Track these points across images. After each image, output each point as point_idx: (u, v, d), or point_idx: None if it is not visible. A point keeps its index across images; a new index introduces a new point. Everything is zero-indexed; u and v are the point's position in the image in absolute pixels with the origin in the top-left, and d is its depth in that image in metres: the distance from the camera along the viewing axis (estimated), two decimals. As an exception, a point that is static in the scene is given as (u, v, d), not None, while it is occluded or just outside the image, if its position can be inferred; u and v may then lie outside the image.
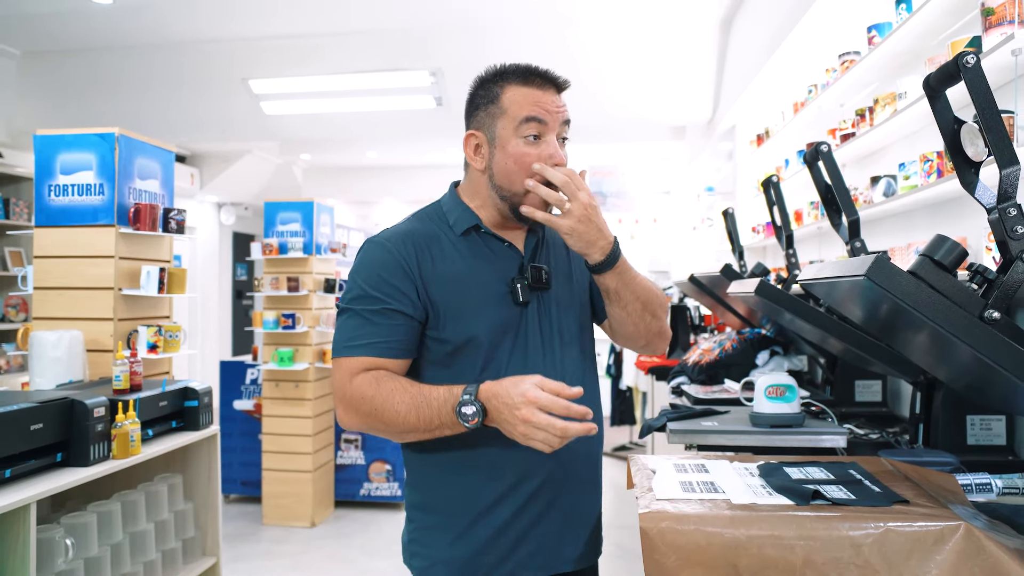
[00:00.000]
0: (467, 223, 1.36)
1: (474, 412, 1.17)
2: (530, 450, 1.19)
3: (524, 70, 1.33)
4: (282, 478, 4.62)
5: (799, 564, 0.97)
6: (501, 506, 1.31)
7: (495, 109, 1.33)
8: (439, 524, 1.34)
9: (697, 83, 5.88)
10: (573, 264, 1.46)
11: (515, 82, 1.32)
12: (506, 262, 1.37)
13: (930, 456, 1.44)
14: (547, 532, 1.33)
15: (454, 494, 1.33)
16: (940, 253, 1.01)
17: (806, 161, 1.84)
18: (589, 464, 1.40)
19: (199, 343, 8.19)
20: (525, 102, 1.30)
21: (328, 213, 4.94)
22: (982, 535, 0.94)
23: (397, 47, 5.64)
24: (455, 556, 1.32)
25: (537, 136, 1.31)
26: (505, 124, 1.32)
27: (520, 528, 1.31)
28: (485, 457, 1.31)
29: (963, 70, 1.00)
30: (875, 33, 2.93)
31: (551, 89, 1.33)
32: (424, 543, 1.35)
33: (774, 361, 2.55)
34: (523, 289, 1.33)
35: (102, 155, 2.74)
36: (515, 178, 1.31)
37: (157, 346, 2.82)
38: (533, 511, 1.32)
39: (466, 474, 1.32)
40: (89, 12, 5.14)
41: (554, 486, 1.33)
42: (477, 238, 1.37)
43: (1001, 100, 1.78)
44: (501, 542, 1.31)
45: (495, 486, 1.31)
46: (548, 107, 1.30)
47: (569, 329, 1.40)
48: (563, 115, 1.33)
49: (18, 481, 1.93)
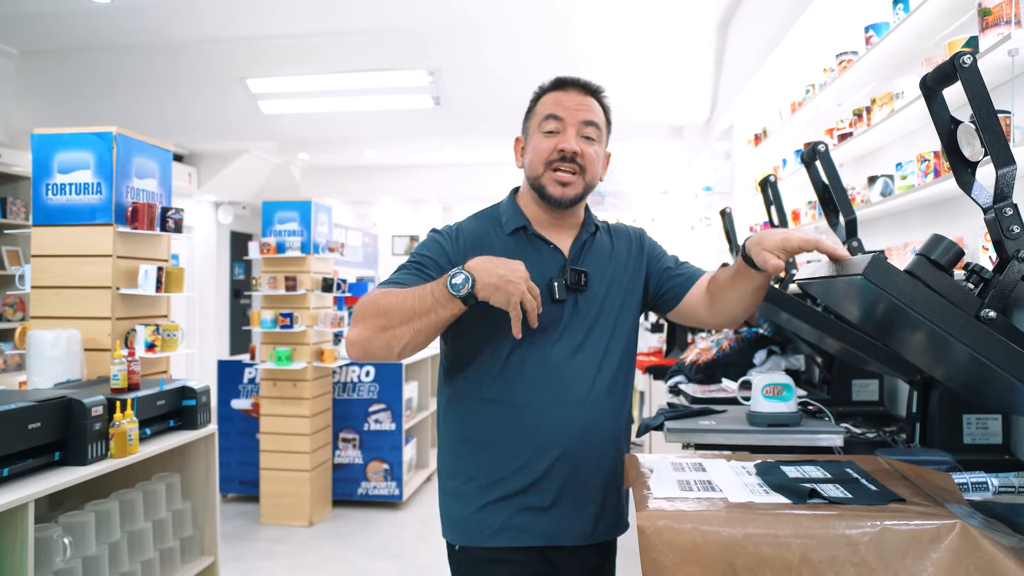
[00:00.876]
0: (515, 223, 1.49)
1: (464, 279, 1.26)
2: (546, 430, 1.39)
3: (558, 80, 1.51)
4: (280, 477, 4.62)
5: (796, 562, 0.97)
6: (514, 478, 1.41)
7: (532, 114, 1.51)
8: (455, 489, 1.46)
9: (695, 83, 5.89)
10: (622, 271, 1.53)
11: (550, 90, 1.51)
12: (549, 262, 1.47)
13: (927, 455, 1.44)
14: (555, 505, 1.42)
15: (473, 463, 1.44)
16: (937, 252, 1.01)
17: (803, 161, 1.84)
18: (605, 447, 1.45)
19: (197, 342, 8.18)
20: (549, 103, 1.48)
21: (326, 212, 4.94)
22: (978, 533, 0.94)
23: (395, 47, 5.64)
24: (464, 516, 1.44)
25: (555, 131, 1.45)
26: (534, 124, 1.50)
27: (529, 499, 1.41)
28: (503, 433, 1.42)
29: (959, 70, 1.00)
30: (872, 33, 2.94)
31: (577, 91, 1.48)
32: (444, 505, 1.49)
33: (771, 360, 2.55)
34: (560, 288, 1.43)
35: (100, 154, 2.74)
36: (535, 166, 1.46)
37: (155, 345, 2.81)
38: (544, 485, 1.41)
39: (487, 447, 1.43)
40: (87, 12, 5.13)
41: (568, 463, 1.42)
42: (524, 238, 1.49)
43: (998, 100, 1.77)
44: (508, 507, 1.41)
45: (512, 460, 1.41)
46: (566, 104, 1.46)
47: (604, 331, 1.47)
48: (582, 114, 1.46)
49: (16, 480, 1.93)
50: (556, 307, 1.43)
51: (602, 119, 1.50)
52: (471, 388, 1.45)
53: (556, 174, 1.44)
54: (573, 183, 1.45)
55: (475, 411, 1.45)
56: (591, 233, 1.53)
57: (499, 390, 1.42)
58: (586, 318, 1.46)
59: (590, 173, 1.47)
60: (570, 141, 1.43)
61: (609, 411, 1.46)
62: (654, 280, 1.58)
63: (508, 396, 1.42)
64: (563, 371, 1.42)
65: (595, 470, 1.45)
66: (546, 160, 1.44)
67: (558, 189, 1.44)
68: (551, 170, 1.44)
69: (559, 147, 1.43)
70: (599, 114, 1.49)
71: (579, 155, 1.44)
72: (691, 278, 1.56)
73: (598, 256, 1.52)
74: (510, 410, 1.42)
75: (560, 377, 1.42)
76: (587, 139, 1.46)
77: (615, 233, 1.59)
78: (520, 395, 1.42)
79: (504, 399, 1.42)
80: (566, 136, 1.44)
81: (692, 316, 1.56)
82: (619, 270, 1.53)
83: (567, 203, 1.45)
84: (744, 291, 1.41)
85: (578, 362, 1.43)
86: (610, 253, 1.54)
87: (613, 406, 1.47)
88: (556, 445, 1.41)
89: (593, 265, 1.50)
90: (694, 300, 1.54)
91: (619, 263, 1.54)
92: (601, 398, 1.44)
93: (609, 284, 1.50)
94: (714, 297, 1.50)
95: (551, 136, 1.45)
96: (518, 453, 1.41)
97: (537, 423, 1.41)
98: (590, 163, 1.46)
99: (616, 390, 1.48)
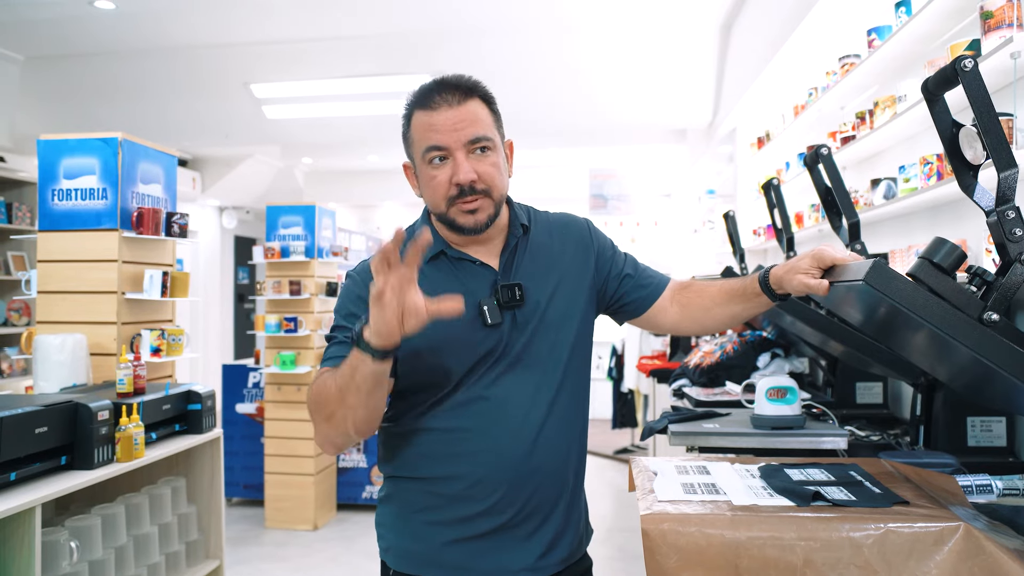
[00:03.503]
0: (432, 250, 1.34)
1: (358, 327, 1.15)
2: (492, 464, 1.27)
3: (422, 92, 1.31)
4: (284, 481, 4.62)
5: (800, 565, 0.97)
6: (451, 508, 1.31)
7: (408, 139, 1.33)
8: (395, 513, 1.36)
9: (698, 86, 5.89)
10: (564, 272, 1.40)
11: (417, 108, 1.30)
12: (478, 282, 1.33)
13: (930, 458, 1.44)
14: (497, 542, 1.30)
15: (414, 486, 1.33)
16: (939, 256, 1.01)
17: (806, 164, 1.84)
18: (555, 485, 1.34)
19: (201, 347, 8.19)
20: (423, 130, 1.28)
21: (330, 217, 4.95)
22: (982, 536, 0.95)
23: (398, 51, 5.66)
24: (403, 545, 1.33)
25: (443, 159, 1.28)
26: (416, 152, 1.31)
27: (469, 532, 1.30)
28: (449, 465, 1.31)
29: (961, 74, 1.00)
30: (875, 36, 2.94)
31: (448, 106, 1.27)
32: (385, 526, 1.37)
33: (775, 363, 2.55)
34: (492, 310, 1.30)
35: (105, 160, 2.76)
36: (436, 202, 1.30)
37: (160, 350, 2.82)
38: (484, 521, 1.29)
39: (427, 470, 1.32)
40: (92, 18, 5.15)
41: (512, 503, 1.30)
42: (446, 262, 1.34)
43: (1000, 103, 1.78)
44: (445, 539, 1.30)
45: (452, 486, 1.30)
46: (442, 127, 1.26)
47: (554, 344, 1.35)
48: (464, 133, 1.27)
49: (23, 484, 1.94)
50: (493, 331, 1.30)
51: (488, 122, 1.30)
52: (414, 419, 1.34)
53: (462, 205, 1.28)
54: (482, 206, 1.29)
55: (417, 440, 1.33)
56: (519, 236, 1.38)
57: (440, 419, 1.32)
58: (533, 335, 1.33)
59: (497, 190, 1.31)
60: (465, 171, 1.26)
61: (556, 436, 1.33)
62: (611, 286, 1.46)
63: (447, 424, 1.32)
64: (501, 401, 1.30)
65: (547, 502, 1.33)
66: (445, 196, 1.29)
67: (469, 219, 1.29)
68: (454, 204, 1.29)
69: (454, 181, 1.27)
70: (482, 121, 1.29)
71: (477, 181, 1.27)
72: (657, 288, 1.46)
73: (533, 260, 1.38)
74: (449, 438, 1.30)
75: (499, 405, 1.30)
76: (481, 152, 1.28)
77: (553, 227, 1.44)
78: (460, 424, 1.31)
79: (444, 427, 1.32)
80: (457, 165, 1.27)
81: (653, 325, 1.49)
82: (560, 271, 1.39)
83: (481, 229, 1.30)
84: (745, 313, 1.37)
85: (525, 384, 1.31)
86: (548, 253, 1.40)
87: (560, 429, 1.34)
88: (503, 480, 1.29)
89: (528, 272, 1.36)
90: (658, 311, 1.46)
91: (560, 263, 1.40)
92: (540, 424, 1.31)
93: (552, 290, 1.36)
94: (692, 311, 1.43)
95: (440, 167, 1.28)
96: (459, 482, 1.30)
97: (477, 453, 1.30)
98: (491, 180, 1.29)
99: (558, 412, 1.34)
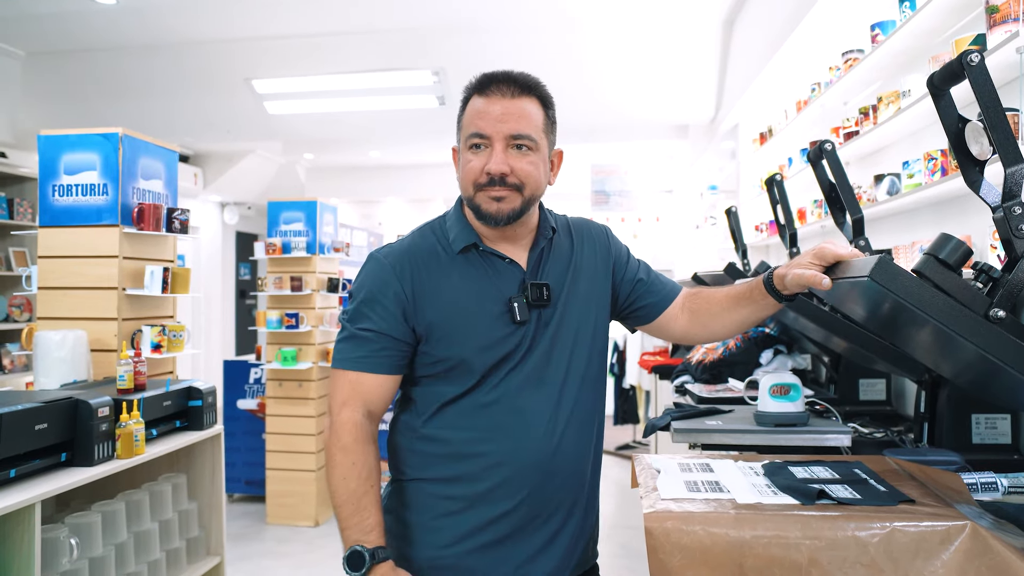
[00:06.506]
0: (465, 241, 1.36)
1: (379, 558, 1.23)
2: (516, 465, 1.29)
3: (484, 79, 1.35)
4: (286, 477, 4.62)
5: (805, 564, 0.97)
6: (471, 512, 1.31)
7: (460, 123, 1.37)
8: (408, 519, 1.35)
9: (700, 82, 5.87)
10: (586, 276, 1.43)
11: (475, 93, 1.35)
12: (506, 279, 1.36)
13: (935, 455, 1.43)
14: (515, 546, 1.32)
15: (431, 488, 1.34)
16: (945, 252, 1.00)
17: (810, 159, 1.83)
18: (574, 486, 1.36)
19: (203, 343, 8.20)
20: (473, 116, 1.33)
21: (331, 212, 4.95)
22: (988, 534, 0.94)
23: (400, 47, 5.64)
24: (416, 554, 1.33)
25: (482, 147, 1.32)
26: (462, 137, 1.36)
27: (488, 536, 1.31)
28: (467, 466, 1.32)
29: (967, 68, 0.99)
30: (878, 31, 2.92)
31: (503, 96, 1.31)
32: (393, 534, 1.35)
33: (778, 360, 2.54)
34: (521, 308, 1.33)
35: (106, 155, 2.75)
36: (466, 186, 1.34)
37: (161, 346, 2.82)
38: (504, 524, 1.31)
39: (449, 470, 1.33)
40: (93, 13, 5.14)
41: (533, 506, 1.32)
42: (476, 256, 1.36)
43: (1006, 98, 1.76)
44: (465, 546, 1.31)
45: (470, 489, 1.31)
46: (490, 116, 1.30)
47: (574, 345, 1.38)
48: (508, 126, 1.30)
49: (23, 481, 1.94)
50: (519, 328, 1.33)
51: (537, 123, 1.33)
52: (437, 418, 1.36)
53: (489, 191, 1.31)
54: (508, 197, 1.31)
55: (437, 452, 1.35)
56: (548, 238, 1.41)
57: (463, 419, 1.34)
58: (556, 335, 1.36)
59: (529, 188, 1.32)
60: (497, 162, 1.29)
61: (577, 437, 1.36)
62: (624, 290, 1.48)
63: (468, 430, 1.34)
64: (524, 401, 1.33)
65: (565, 506, 1.35)
66: (475, 182, 1.31)
67: (492, 205, 1.31)
68: (482, 190, 1.32)
69: (486, 170, 1.30)
70: (531, 119, 1.32)
71: (509, 175, 1.29)
72: (669, 295, 1.48)
73: (558, 262, 1.41)
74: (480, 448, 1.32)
75: (523, 406, 1.32)
76: (520, 149, 1.31)
77: (577, 232, 1.47)
78: (484, 423, 1.33)
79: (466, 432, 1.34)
80: (493, 155, 1.30)
81: (663, 333, 1.50)
82: (581, 274, 1.42)
83: (503, 220, 1.31)
84: (754, 316, 1.37)
85: (548, 384, 1.34)
86: (571, 256, 1.43)
87: (580, 431, 1.37)
88: (524, 485, 1.31)
89: (554, 273, 1.39)
90: (669, 318, 1.47)
91: (581, 266, 1.43)
92: (563, 425, 1.34)
93: (574, 292, 1.40)
94: (701, 317, 1.44)
95: (478, 153, 1.31)
96: (477, 485, 1.32)
97: (502, 453, 1.32)
98: (525, 177, 1.31)
99: (578, 413, 1.37)
